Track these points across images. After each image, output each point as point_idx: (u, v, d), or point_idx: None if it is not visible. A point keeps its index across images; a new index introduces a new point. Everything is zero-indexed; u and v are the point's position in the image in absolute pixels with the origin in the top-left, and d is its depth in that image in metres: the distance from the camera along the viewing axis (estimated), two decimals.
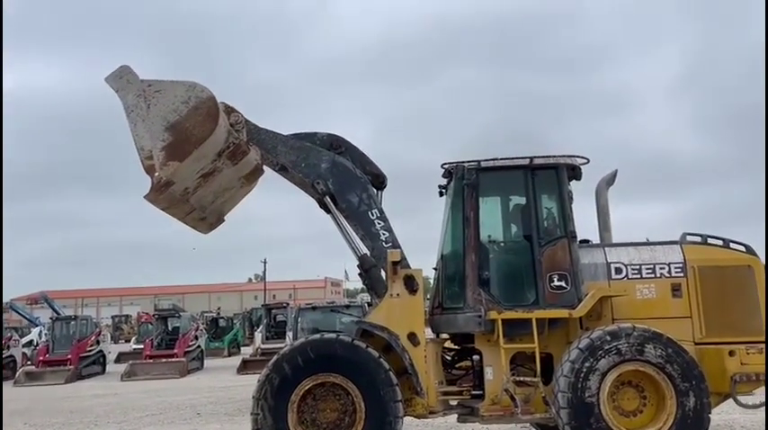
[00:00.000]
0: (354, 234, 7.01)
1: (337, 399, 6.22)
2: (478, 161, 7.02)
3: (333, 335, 6.48)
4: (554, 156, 6.99)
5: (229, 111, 6.83)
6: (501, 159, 7.05)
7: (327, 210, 7.04)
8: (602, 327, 6.36)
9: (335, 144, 7.16)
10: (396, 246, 6.78)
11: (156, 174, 6.18)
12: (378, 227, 6.85)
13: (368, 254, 6.92)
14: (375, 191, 7.13)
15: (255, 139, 6.96)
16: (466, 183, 6.94)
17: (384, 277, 6.82)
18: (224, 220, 7.65)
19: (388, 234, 6.85)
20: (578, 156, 7.08)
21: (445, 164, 7.28)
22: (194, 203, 6.80)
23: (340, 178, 6.92)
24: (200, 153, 6.30)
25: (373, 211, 6.88)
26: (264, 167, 7.13)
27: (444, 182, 7.51)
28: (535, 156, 6.95)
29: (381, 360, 6.23)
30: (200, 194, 6.77)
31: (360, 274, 7.12)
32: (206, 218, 7.25)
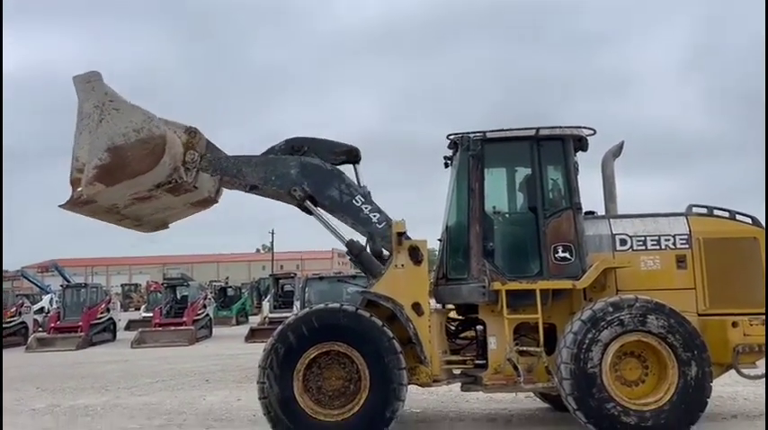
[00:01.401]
0: (341, 224, 6.99)
1: (342, 367, 6.31)
2: (484, 132, 6.98)
3: (337, 305, 6.53)
4: (560, 127, 6.94)
5: (190, 147, 6.70)
6: (507, 130, 7.01)
7: (309, 212, 6.99)
8: (604, 299, 6.39)
9: (296, 146, 7.09)
10: (389, 222, 6.79)
11: (79, 189, 6.14)
12: (366, 211, 6.85)
13: (354, 239, 6.95)
14: (353, 168, 7.13)
15: (218, 169, 6.89)
16: (471, 154, 6.91)
17: (374, 257, 6.88)
18: (168, 227, 7.61)
19: (378, 214, 6.85)
20: (585, 127, 7.03)
21: (451, 135, 7.24)
22: (127, 214, 6.72)
23: (314, 178, 6.88)
24: (133, 183, 6.25)
25: (357, 199, 6.87)
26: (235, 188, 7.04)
27: (450, 153, 7.49)
28: (541, 127, 6.90)
29: (385, 328, 6.29)
30: (133, 209, 6.71)
31: (351, 260, 7.16)
32: (143, 225, 7.20)
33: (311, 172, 6.90)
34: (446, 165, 7.59)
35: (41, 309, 31.89)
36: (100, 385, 12.02)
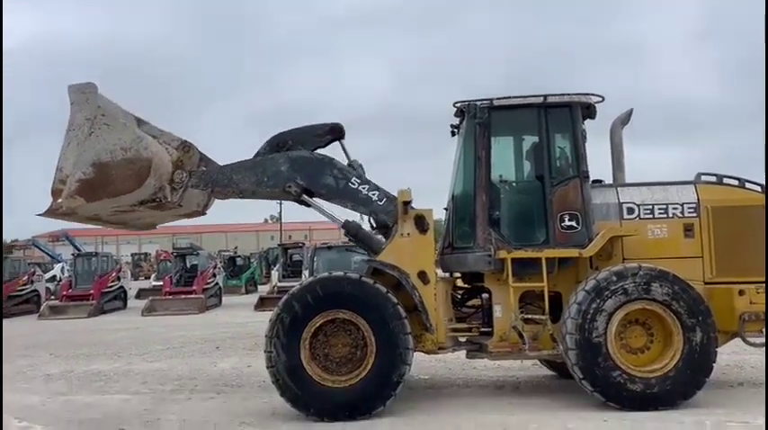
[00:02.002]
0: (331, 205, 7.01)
1: (348, 334, 6.35)
2: (491, 99, 6.91)
3: (341, 273, 6.57)
4: (568, 94, 6.87)
5: (179, 166, 6.68)
6: (514, 97, 6.94)
7: (307, 205, 7.01)
8: (608, 268, 6.38)
9: (280, 143, 7.05)
10: (389, 197, 6.79)
11: (59, 200, 6.13)
12: (364, 191, 6.82)
13: (349, 220, 6.99)
14: (340, 144, 7.13)
15: (209, 182, 6.87)
16: (478, 122, 6.86)
17: (381, 228, 6.93)
18: (156, 227, 7.73)
19: (377, 191, 6.83)
20: (593, 94, 6.95)
21: (457, 102, 7.18)
22: (111, 220, 6.79)
23: (305, 170, 6.84)
24: (114, 201, 6.27)
25: (352, 181, 6.84)
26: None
27: (456, 121, 7.43)
28: (549, 95, 6.83)
29: (389, 294, 6.32)
30: (117, 217, 6.77)
31: (350, 240, 7.19)
32: (129, 227, 7.31)
33: (302, 165, 6.86)
34: (453, 134, 7.55)
35: (53, 278, 32.29)
36: (112, 352, 12.22)
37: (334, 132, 7.17)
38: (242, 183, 6.87)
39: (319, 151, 7.14)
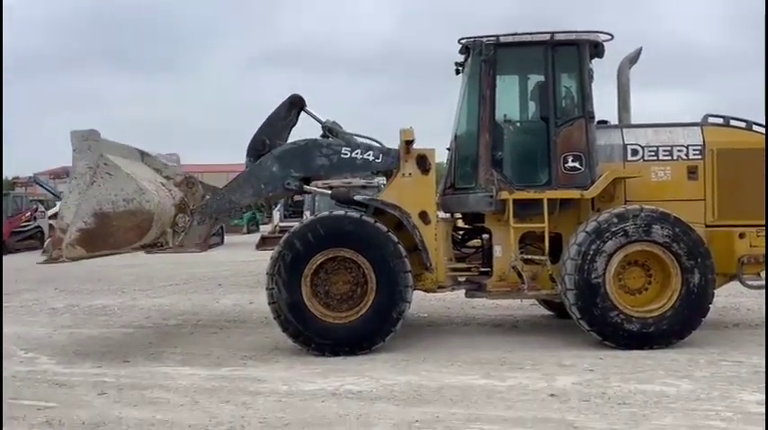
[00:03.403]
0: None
1: (349, 272, 6.41)
2: (497, 36, 6.74)
3: (341, 212, 6.58)
4: (576, 32, 6.70)
5: (182, 208, 6.70)
6: (521, 34, 6.77)
7: (308, 192, 7.09)
8: (609, 210, 6.37)
9: (258, 146, 7.01)
10: (385, 151, 6.78)
11: (59, 250, 6.11)
12: (359, 156, 6.79)
13: (335, 188, 7.05)
14: (306, 113, 7.14)
15: (212, 213, 6.94)
16: (483, 59, 6.70)
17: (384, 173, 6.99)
18: None
19: (370, 151, 6.80)
20: (602, 32, 6.78)
21: (462, 39, 7.00)
22: (114, 253, 6.90)
23: (295, 161, 6.79)
24: (114, 251, 6.35)
25: (343, 151, 6.79)
26: None
27: (461, 59, 7.26)
28: (556, 32, 6.66)
29: (390, 233, 6.34)
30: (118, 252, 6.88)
31: (342, 206, 7.25)
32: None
33: (290, 158, 6.81)
34: (457, 72, 7.39)
35: (56, 215, 32.37)
36: (116, 287, 12.39)
37: (295, 105, 7.15)
38: (243, 200, 6.89)
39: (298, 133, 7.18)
